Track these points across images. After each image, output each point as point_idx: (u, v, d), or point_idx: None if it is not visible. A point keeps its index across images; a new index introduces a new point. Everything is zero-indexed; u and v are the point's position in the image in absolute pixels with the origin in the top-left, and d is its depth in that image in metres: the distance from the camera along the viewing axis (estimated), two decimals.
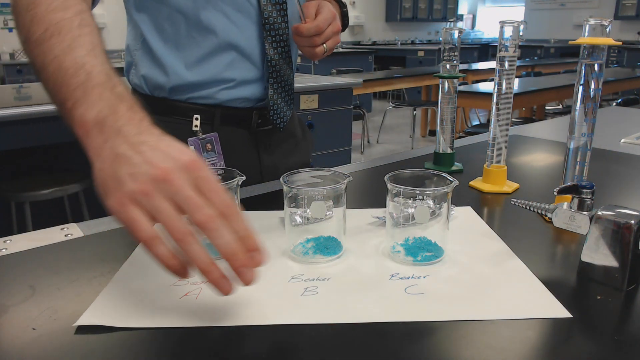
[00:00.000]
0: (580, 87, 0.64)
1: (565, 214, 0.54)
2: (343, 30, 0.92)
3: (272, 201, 0.78)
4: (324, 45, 0.84)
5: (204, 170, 0.43)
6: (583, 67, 0.64)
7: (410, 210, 0.57)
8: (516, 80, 3.63)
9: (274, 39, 0.86)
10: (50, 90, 0.51)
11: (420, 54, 7.55)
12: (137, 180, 0.42)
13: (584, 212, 0.53)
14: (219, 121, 0.88)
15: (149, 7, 0.84)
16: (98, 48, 0.53)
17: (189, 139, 0.85)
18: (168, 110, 0.87)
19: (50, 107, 1.87)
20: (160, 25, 0.84)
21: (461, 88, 3.64)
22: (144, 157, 0.43)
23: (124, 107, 0.47)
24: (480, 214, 0.72)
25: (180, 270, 0.43)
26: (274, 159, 0.96)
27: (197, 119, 0.86)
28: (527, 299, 0.49)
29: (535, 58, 8.05)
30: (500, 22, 0.76)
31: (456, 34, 0.87)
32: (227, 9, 0.83)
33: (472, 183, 0.84)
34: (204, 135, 0.87)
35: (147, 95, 0.89)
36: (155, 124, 0.78)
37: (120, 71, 0.61)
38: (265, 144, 0.95)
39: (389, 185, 0.56)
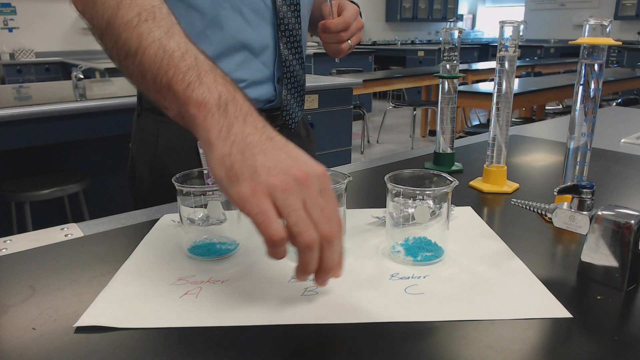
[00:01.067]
0: (580, 87, 0.64)
1: (565, 214, 0.54)
2: None
3: None
4: (350, 41, 0.86)
5: (329, 184, 0.44)
6: (583, 67, 0.64)
7: (410, 210, 0.57)
8: (516, 80, 3.63)
9: (288, 39, 0.87)
10: (147, 71, 0.49)
11: (420, 54, 7.55)
12: (277, 175, 0.42)
13: (584, 212, 0.53)
14: None
15: None
16: (190, 37, 0.52)
17: (198, 141, 0.85)
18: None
19: (50, 107, 1.88)
20: None
21: (461, 88, 3.63)
22: (281, 155, 0.44)
23: (240, 96, 0.48)
24: (480, 214, 0.72)
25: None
26: None
27: None
28: (527, 299, 0.49)
29: (535, 58, 8.05)
30: (500, 22, 0.76)
31: (456, 34, 0.87)
32: (245, 9, 0.84)
33: (472, 183, 0.84)
34: None
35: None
36: (164, 127, 0.79)
37: None
38: None
39: (389, 185, 0.56)
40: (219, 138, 0.44)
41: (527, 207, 0.59)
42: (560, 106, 5.30)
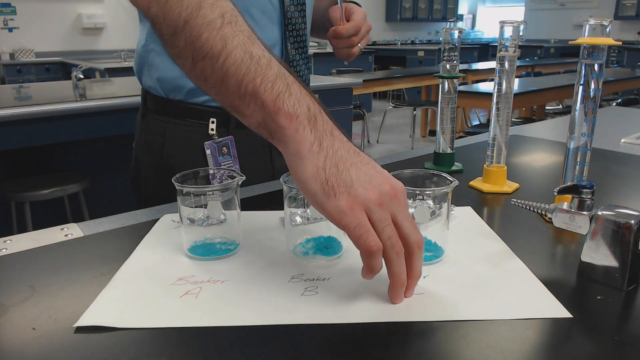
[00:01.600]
0: (580, 87, 0.64)
1: (565, 214, 0.54)
2: None
3: (272, 201, 0.78)
4: (359, 45, 0.88)
5: (406, 201, 0.48)
6: (583, 67, 0.64)
7: (410, 210, 0.57)
8: (516, 80, 3.62)
9: (295, 39, 0.88)
10: (231, 75, 0.48)
11: (420, 54, 7.55)
12: (372, 190, 0.44)
13: (584, 212, 0.53)
14: (234, 124, 0.88)
15: None
16: (266, 44, 0.52)
17: (205, 142, 0.85)
18: (184, 113, 0.87)
19: (50, 107, 1.88)
20: None
21: (461, 88, 3.63)
22: (370, 170, 0.46)
23: (324, 109, 0.49)
24: (480, 214, 0.72)
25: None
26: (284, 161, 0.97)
27: (213, 122, 0.86)
28: (527, 299, 0.49)
29: (535, 58, 8.05)
30: (500, 22, 0.76)
31: (456, 34, 0.87)
32: (253, 9, 0.84)
33: (472, 183, 0.84)
34: (220, 139, 0.87)
35: (161, 97, 0.88)
36: (171, 128, 0.77)
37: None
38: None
39: None
40: (312, 151, 0.45)
41: (527, 207, 0.59)
42: (560, 106, 5.30)
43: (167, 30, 0.52)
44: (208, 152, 0.86)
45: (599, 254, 0.51)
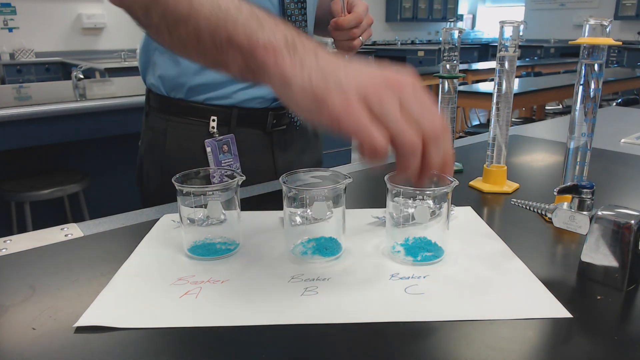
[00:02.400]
0: (580, 87, 0.64)
1: (565, 214, 0.54)
2: None
3: (272, 201, 0.78)
4: (361, 38, 0.87)
5: (421, 87, 0.41)
6: (583, 67, 0.64)
7: (410, 210, 0.57)
8: (516, 80, 3.62)
9: None
10: (203, 31, 0.48)
11: (420, 54, 7.55)
12: (366, 82, 0.40)
13: (584, 212, 0.53)
14: (235, 122, 0.88)
15: None
16: None
17: (206, 140, 0.86)
18: (185, 111, 0.88)
19: (50, 107, 1.88)
20: None
21: (461, 88, 3.63)
22: (363, 68, 0.41)
23: (304, 35, 0.45)
24: (480, 214, 0.72)
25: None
26: (288, 158, 0.97)
27: (214, 120, 0.86)
28: (527, 299, 0.49)
29: (535, 58, 8.05)
30: (500, 22, 0.76)
31: (456, 34, 0.87)
32: None
33: (472, 183, 0.84)
34: (221, 137, 0.87)
35: (163, 96, 0.89)
36: (172, 126, 0.78)
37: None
38: (280, 143, 0.95)
39: (389, 185, 0.56)
40: (295, 73, 0.42)
41: (527, 207, 0.59)
42: (560, 106, 5.29)
43: (140, 12, 0.53)
44: (209, 149, 0.87)
45: (599, 254, 0.51)
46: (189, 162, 0.76)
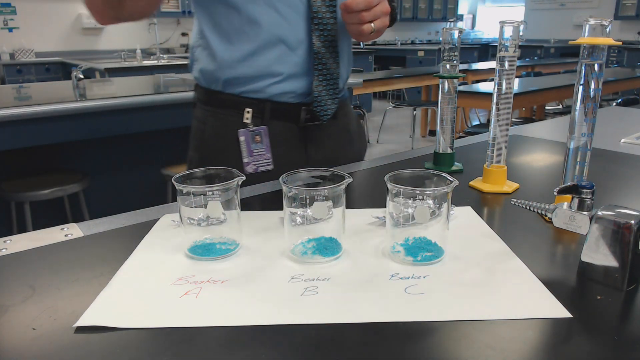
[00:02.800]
0: (580, 87, 0.64)
1: (565, 214, 0.54)
2: (390, 25, 0.93)
3: (272, 201, 0.78)
4: (373, 24, 0.85)
5: None
6: (583, 67, 0.64)
7: (410, 210, 0.57)
8: (516, 80, 3.62)
9: (321, 32, 0.89)
10: None
11: (420, 54, 7.55)
12: None
13: (584, 212, 0.53)
14: (269, 115, 0.93)
15: (207, 5, 0.90)
16: None
17: (239, 129, 0.90)
18: (222, 103, 0.94)
19: (50, 107, 1.88)
20: (217, 21, 0.89)
21: (461, 88, 3.63)
22: None
23: None
24: (480, 214, 0.72)
25: None
26: (323, 153, 1.00)
27: (248, 112, 0.92)
28: (527, 299, 0.49)
29: (535, 58, 8.05)
30: (500, 22, 0.76)
31: (456, 34, 0.87)
32: (279, 4, 0.87)
33: (472, 183, 0.84)
34: (254, 128, 0.91)
35: (204, 88, 0.97)
36: (211, 116, 0.90)
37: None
38: (314, 138, 0.98)
39: (389, 185, 0.56)
40: None
41: (527, 207, 0.59)
42: (560, 106, 5.29)
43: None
44: (242, 139, 0.91)
45: (599, 254, 0.51)
46: (224, 151, 0.86)
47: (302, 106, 0.95)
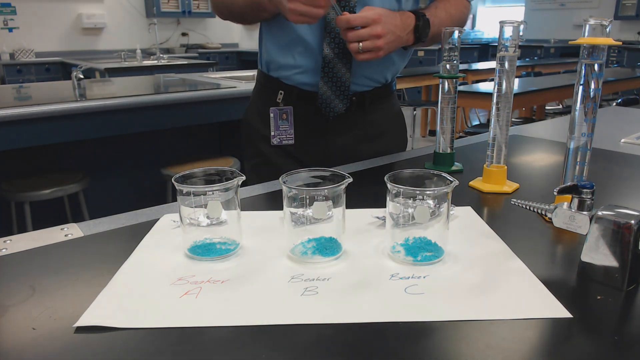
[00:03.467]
0: (580, 87, 0.64)
1: (565, 214, 0.54)
2: (416, 42, 0.98)
3: (272, 201, 0.78)
4: (360, 44, 0.89)
5: None
6: (583, 67, 0.64)
7: (410, 210, 0.57)
8: (516, 80, 3.62)
9: (332, 39, 0.97)
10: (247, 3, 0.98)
11: (420, 54, 7.54)
12: None
13: (584, 212, 0.53)
14: (295, 99, 1.05)
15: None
16: None
17: (270, 107, 1.06)
18: (266, 83, 1.10)
19: (50, 107, 1.88)
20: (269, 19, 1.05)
21: (461, 88, 3.63)
22: None
23: None
24: (480, 214, 0.72)
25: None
26: (344, 142, 1.07)
27: (281, 93, 1.06)
28: (527, 299, 0.49)
29: (535, 58, 8.04)
30: (500, 22, 0.76)
31: (456, 34, 0.87)
32: None
33: (472, 183, 0.84)
34: (283, 107, 1.06)
35: (259, 70, 1.14)
36: (257, 92, 1.17)
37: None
38: (336, 128, 1.07)
39: (389, 185, 0.56)
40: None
41: (527, 207, 0.59)
42: (560, 106, 5.29)
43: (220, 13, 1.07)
44: (272, 115, 1.06)
45: (599, 254, 0.51)
46: (262, 122, 1.09)
47: (308, 94, 1.05)
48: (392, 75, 1.11)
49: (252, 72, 3.14)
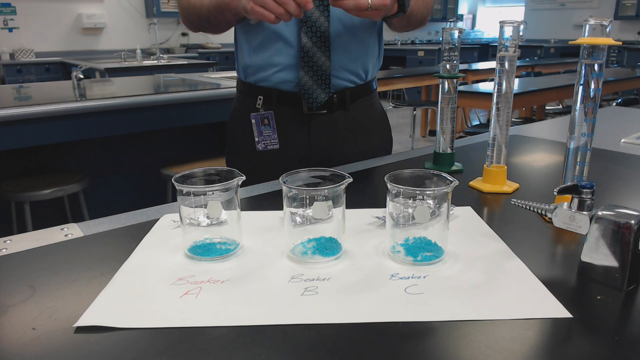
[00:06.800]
0: (580, 87, 0.64)
1: (565, 214, 0.54)
2: (397, 13, 0.94)
3: (272, 201, 0.78)
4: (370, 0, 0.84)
5: None
6: (583, 67, 0.64)
7: (410, 210, 0.57)
8: (516, 80, 3.62)
9: (309, 29, 0.98)
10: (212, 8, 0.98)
11: (420, 54, 7.55)
12: None
13: (584, 212, 0.53)
14: (276, 102, 1.06)
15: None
16: None
17: (251, 113, 1.06)
18: (244, 89, 1.11)
19: (50, 107, 1.88)
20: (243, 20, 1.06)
21: (461, 88, 3.63)
22: None
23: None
24: (480, 214, 0.72)
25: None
26: (327, 142, 1.08)
27: (260, 99, 1.06)
28: (527, 299, 0.49)
29: (535, 58, 8.05)
30: (500, 22, 0.76)
31: (456, 34, 0.87)
32: None
33: (472, 183, 0.84)
34: (264, 112, 1.06)
35: (238, 77, 1.15)
36: (237, 100, 1.16)
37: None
38: (318, 125, 1.07)
39: (389, 185, 0.56)
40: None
41: (527, 207, 0.59)
42: (560, 106, 5.29)
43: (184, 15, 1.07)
44: (253, 121, 1.06)
45: (599, 254, 0.51)
46: (244, 130, 1.07)
47: (291, 94, 1.05)
48: (370, 69, 1.13)
49: None
